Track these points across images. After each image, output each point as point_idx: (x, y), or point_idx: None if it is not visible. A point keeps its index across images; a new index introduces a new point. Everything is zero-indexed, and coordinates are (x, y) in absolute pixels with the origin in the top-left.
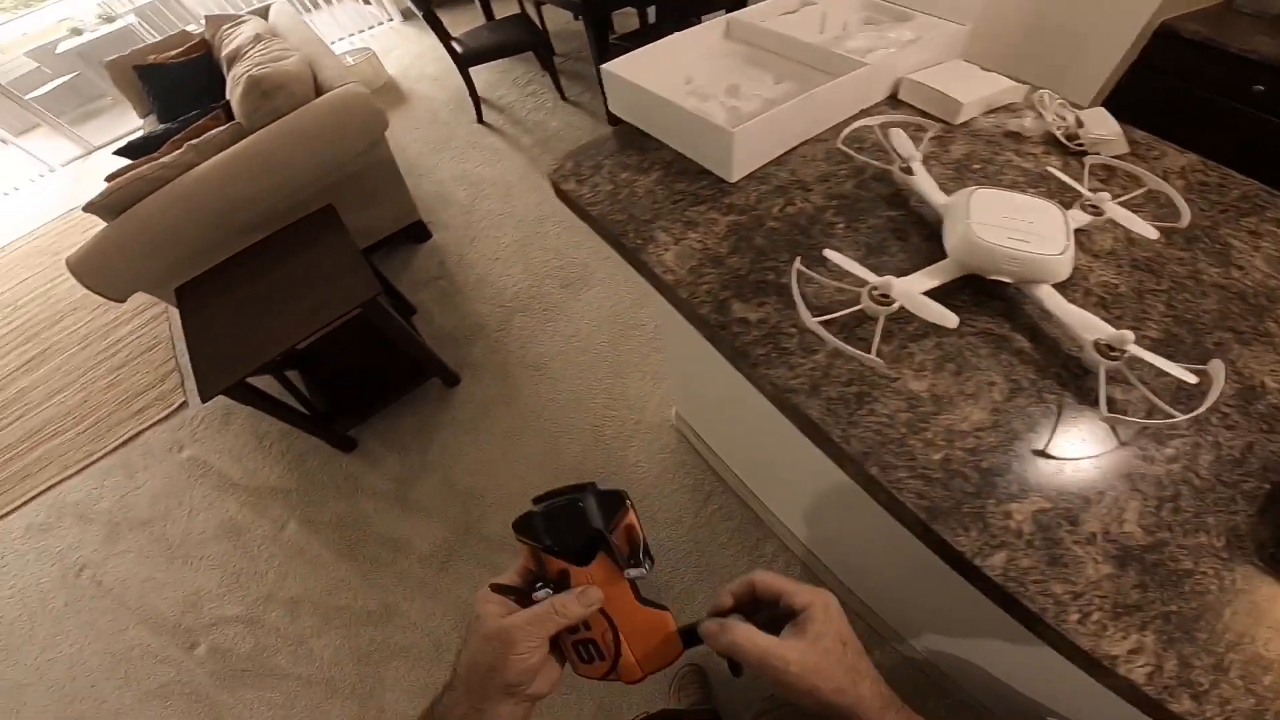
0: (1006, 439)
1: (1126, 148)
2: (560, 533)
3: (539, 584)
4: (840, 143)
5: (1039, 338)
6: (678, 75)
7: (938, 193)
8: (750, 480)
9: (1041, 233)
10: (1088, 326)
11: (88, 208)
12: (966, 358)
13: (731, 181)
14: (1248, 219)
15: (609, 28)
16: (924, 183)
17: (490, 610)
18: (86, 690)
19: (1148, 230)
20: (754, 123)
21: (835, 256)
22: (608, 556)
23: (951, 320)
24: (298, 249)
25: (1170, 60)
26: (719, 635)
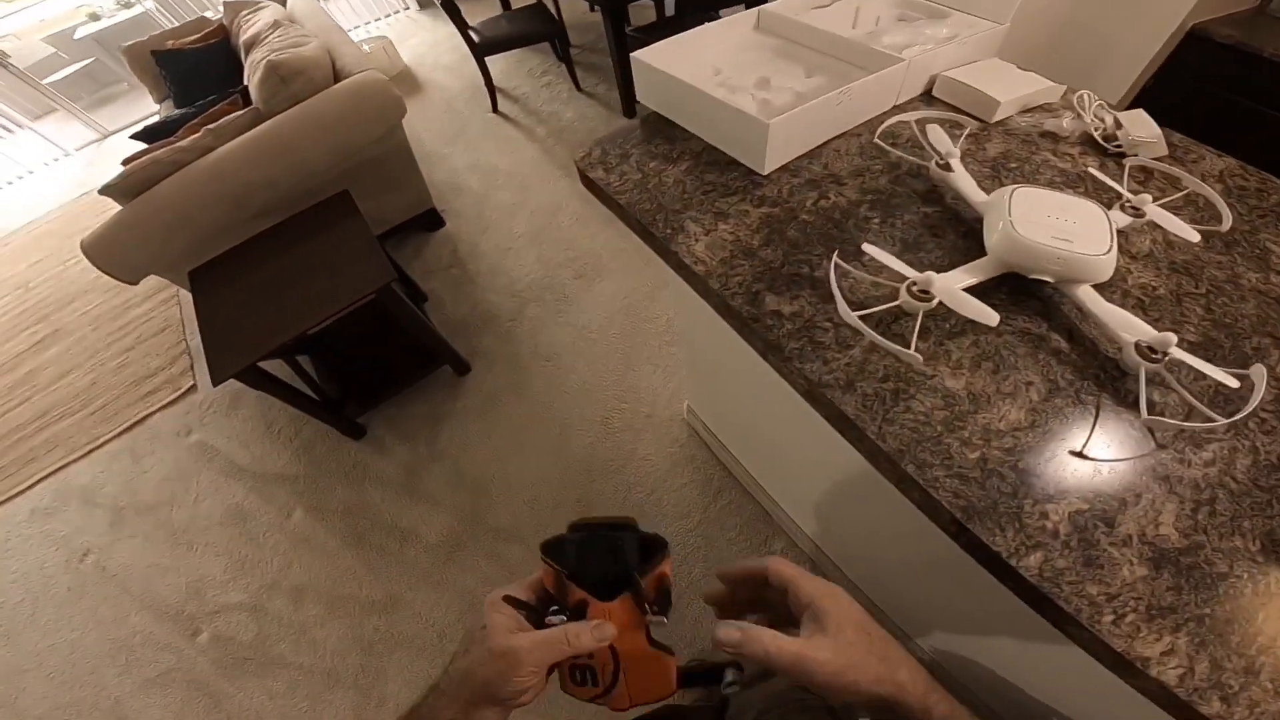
0: (1044, 439)
1: (1165, 150)
2: (591, 565)
3: (554, 607)
4: (877, 137)
5: (1076, 338)
6: (706, 66)
7: (976, 190)
8: (761, 476)
9: (1084, 232)
10: (1129, 328)
11: (104, 190)
12: (1004, 356)
13: (763, 174)
14: None
15: (626, 19)
16: (963, 179)
17: (499, 623)
18: (86, 676)
19: (1189, 233)
20: (790, 115)
21: (874, 251)
22: (632, 598)
23: (993, 318)
24: (313, 234)
25: (1200, 64)
26: (744, 644)
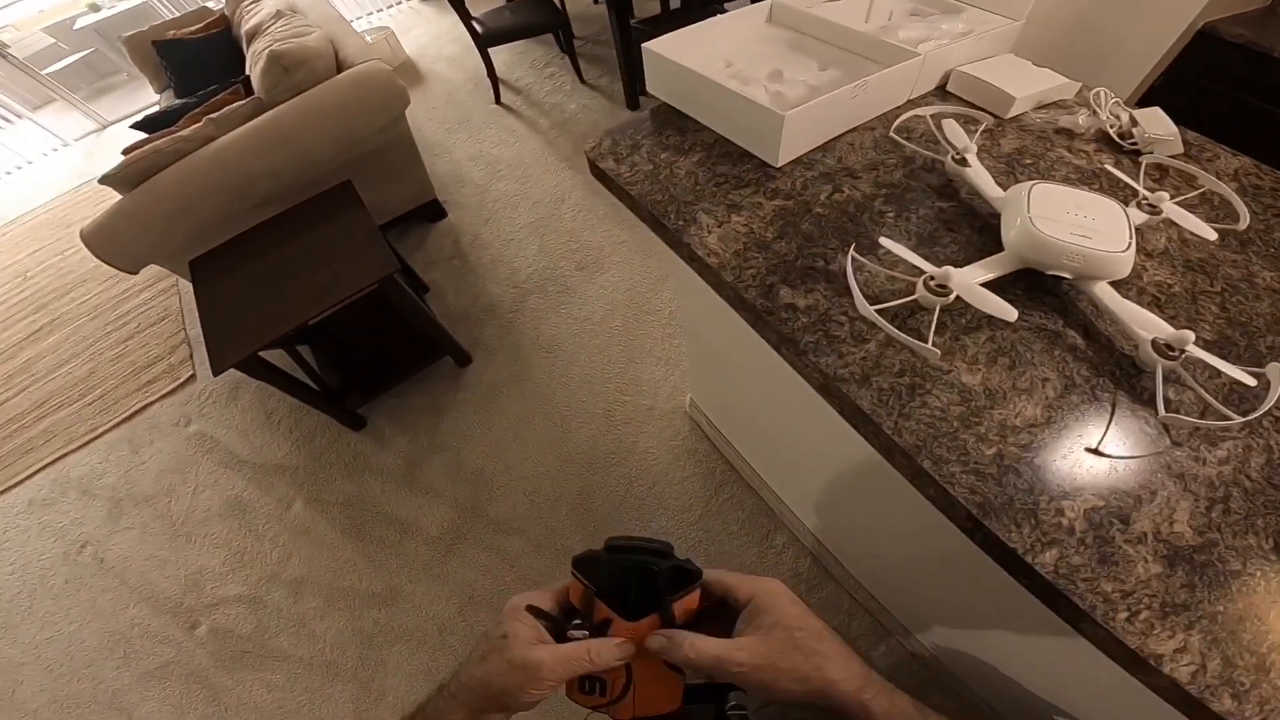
0: (1060, 436)
1: (1181, 148)
2: (622, 585)
3: (576, 621)
4: (893, 131)
5: (1092, 335)
6: (717, 58)
7: (993, 186)
8: (763, 470)
9: (1103, 229)
10: (1147, 325)
11: (104, 179)
12: (1020, 352)
13: (777, 166)
14: None
15: (630, 12)
16: (979, 175)
17: (521, 633)
18: (84, 669)
19: (1206, 231)
20: (805, 107)
21: (891, 245)
22: (658, 621)
23: (1011, 313)
24: (315, 224)
25: (1209, 63)
26: (668, 650)
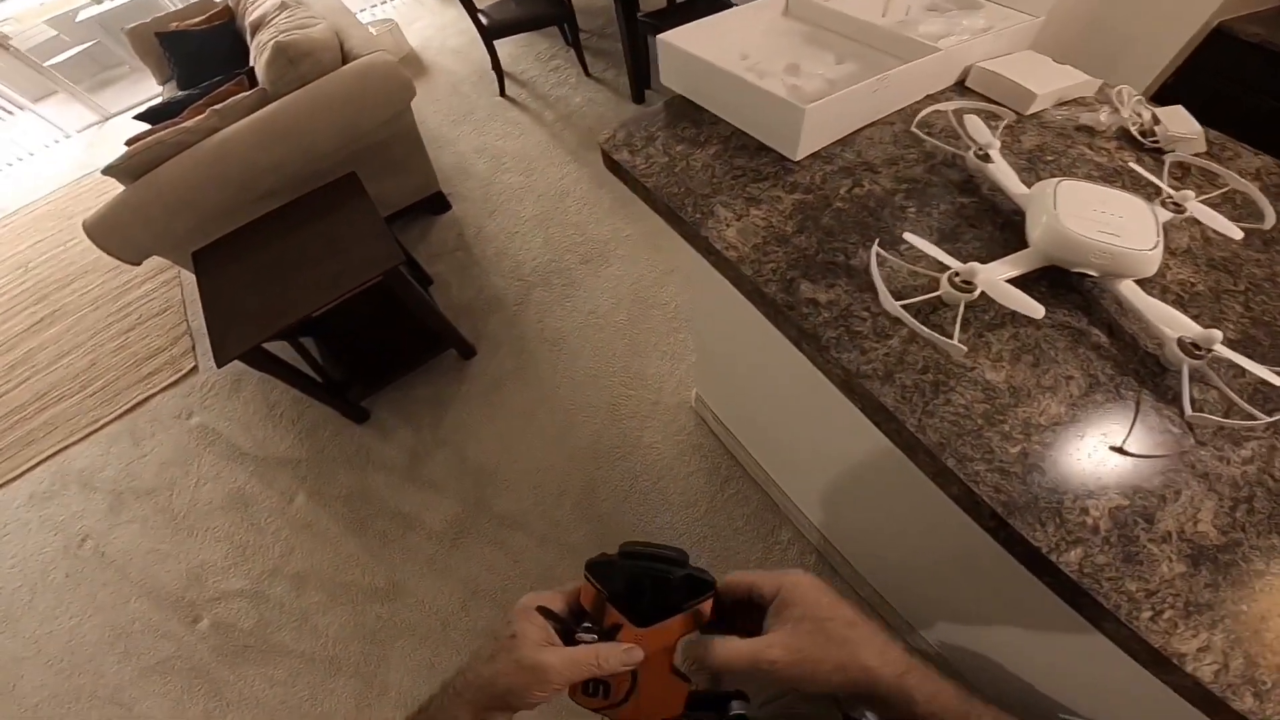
0: (1084, 434)
1: (1204, 147)
2: (634, 591)
3: (585, 624)
4: (914, 126)
5: (1116, 333)
6: (733, 51)
7: (1016, 182)
8: (769, 466)
9: (1130, 227)
10: (1173, 323)
11: (107, 170)
12: (1044, 350)
13: (795, 160)
14: None
15: (636, 5)
16: (1002, 171)
17: (529, 634)
18: (85, 664)
19: (1232, 230)
20: (826, 101)
21: (916, 240)
22: (669, 628)
23: (1038, 310)
24: (320, 215)
25: (1223, 62)
26: (701, 658)
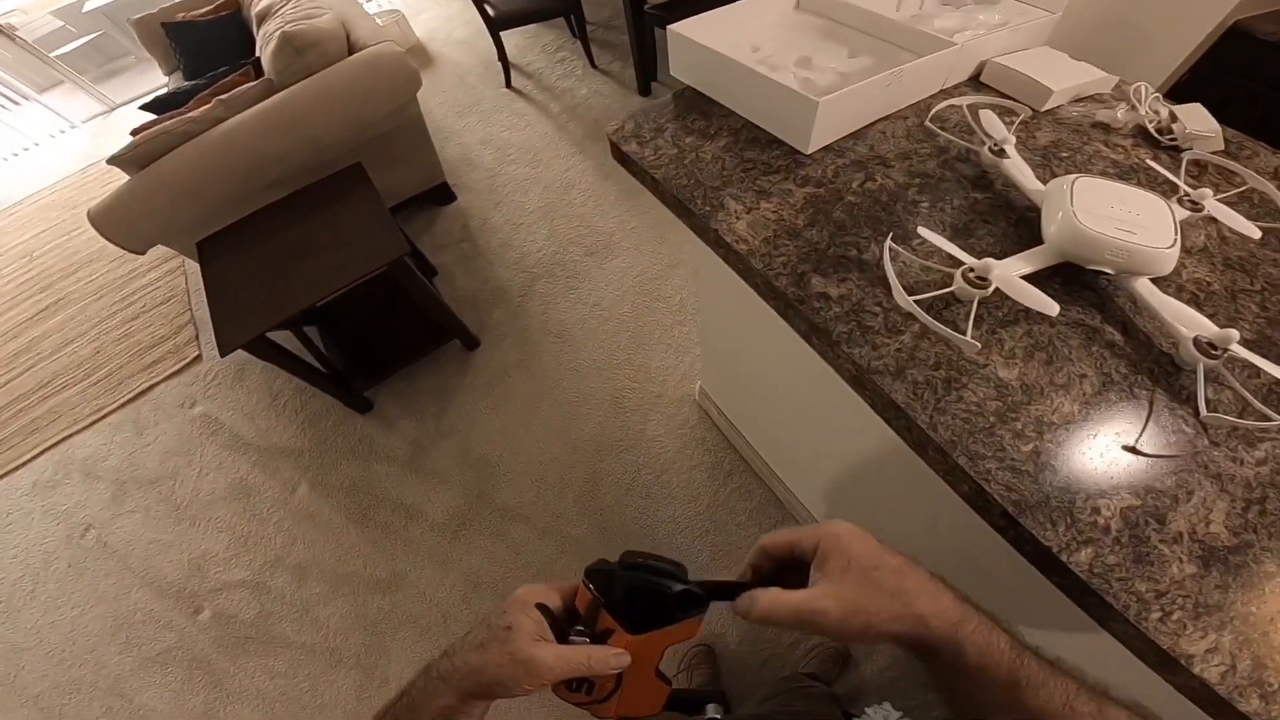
0: (1097, 433)
1: (1222, 145)
2: (633, 603)
3: (578, 626)
4: (928, 121)
5: (1130, 331)
6: (744, 43)
7: (1032, 178)
8: (773, 460)
9: (1148, 224)
10: (1189, 322)
11: (112, 160)
12: (1057, 347)
13: (807, 153)
14: None
15: None
16: (1017, 167)
17: (525, 626)
18: (86, 655)
19: (1250, 229)
20: (839, 94)
21: (930, 235)
22: (655, 638)
23: (1053, 308)
24: (325, 206)
25: (1239, 60)
26: (749, 611)
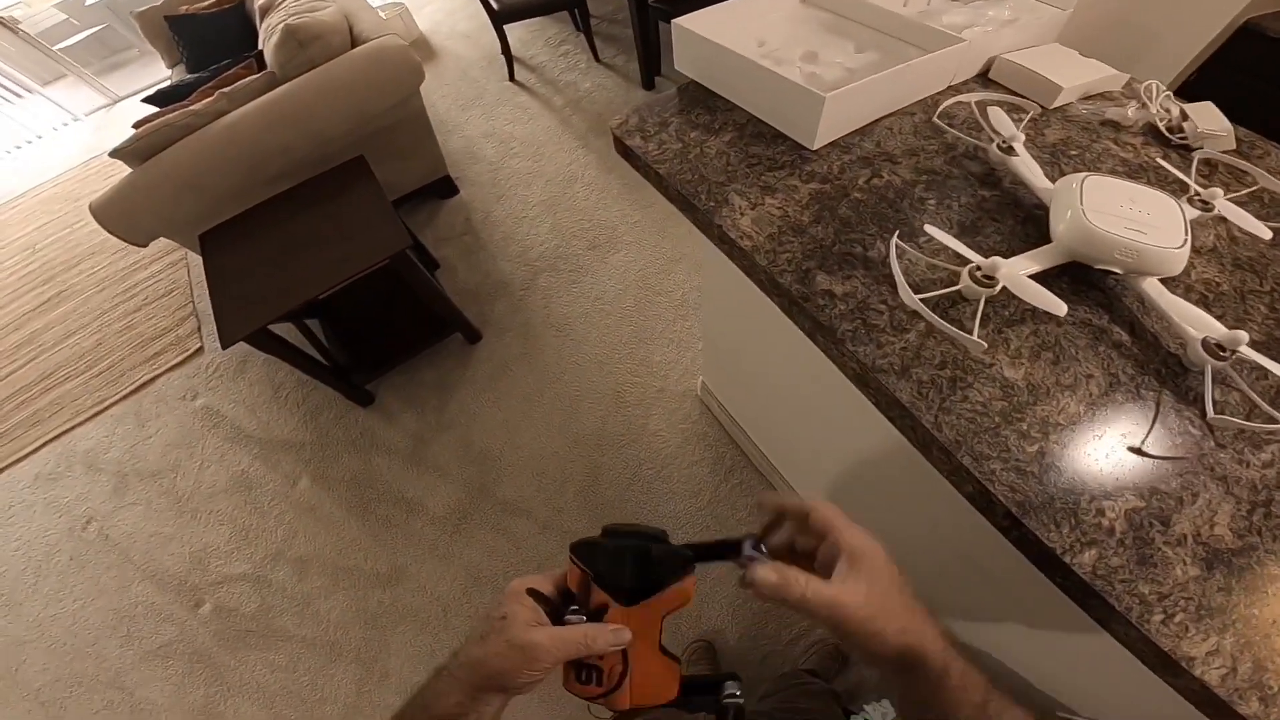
0: (1103, 434)
1: (1234, 144)
2: (618, 571)
3: (573, 606)
4: (936, 117)
5: (1138, 332)
6: (749, 37)
7: (1040, 176)
8: (774, 457)
9: (1158, 224)
10: (1197, 324)
11: (114, 153)
12: (1064, 347)
13: (813, 149)
14: None
15: None
16: (1026, 164)
17: (520, 615)
18: (87, 648)
19: (1260, 229)
20: (846, 90)
21: (937, 232)
22: (650, 607)
23: (1061, 308)
24: (327, 199)
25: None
26: (782, 587)
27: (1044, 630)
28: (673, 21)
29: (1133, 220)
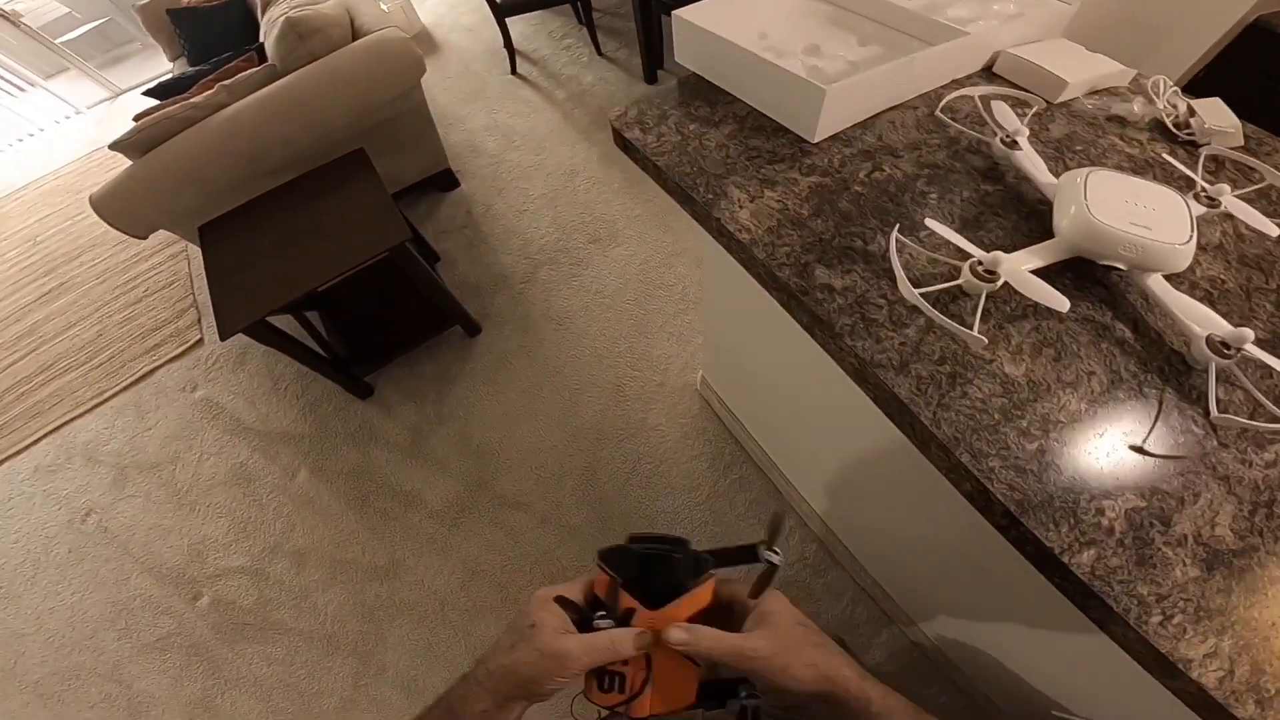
0: (1104, 432)
1: (1242, 140)
2: (646, 576)
3: (600, 612)
4: (939, 111)
5: (1141, 329)
6: (751, 29)
7: (1044, 171)
8: (774, 452)
9: (1163, 220)
10: (1202, 321)
11: (114, 145)
12: (1066, 344)
13: (813, 142)
14: None
15: None
16: (1030, 159)
17: (548, 622)
18: (86, 641)
19: (1268, 226)
20: (848, 82)
21: (938, 227)
22: (677, 609)
23: (1063, 303)
24: (327, 191)
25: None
26: (690, 642)
27: (1043, 630)
28: (673, 13)
29: (1137, 216)
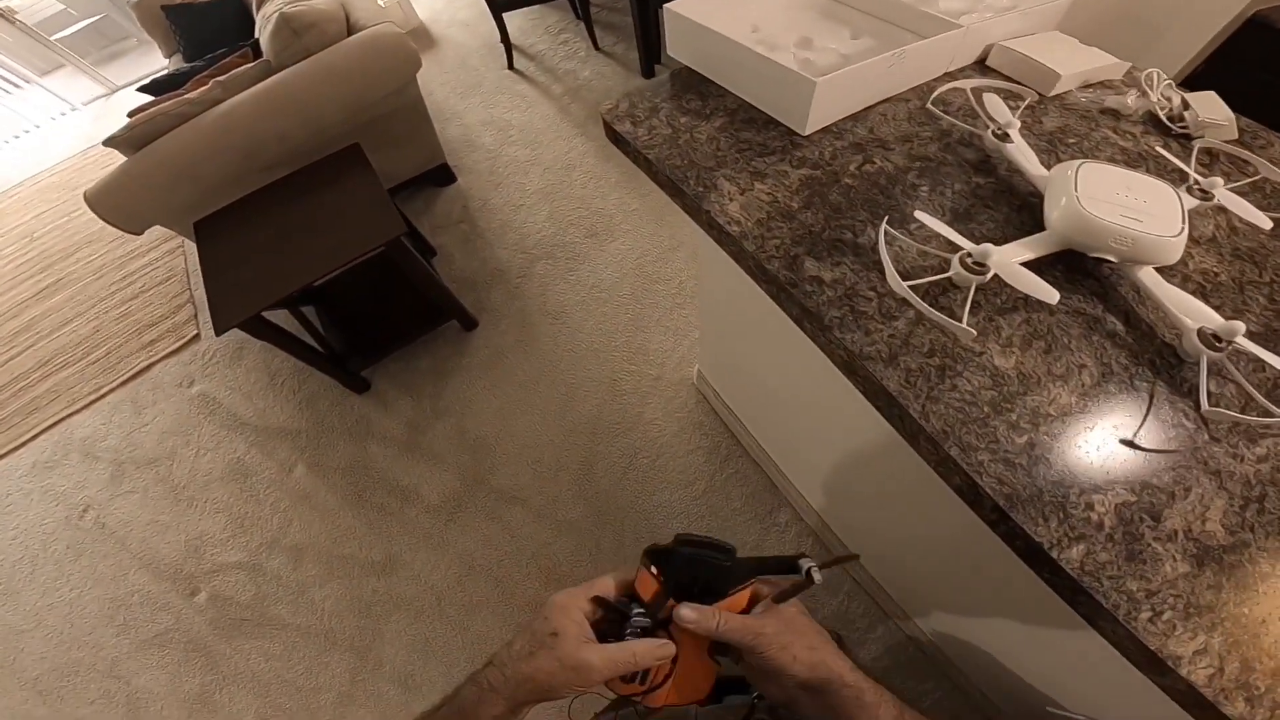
0: (1094, 426)
1: (1235, 134)
2: (692, 578)
3: (638, 610)
4: (930, 103)
5: (1133, 322)
6: (743, 22)
7: (1036, 163)
8: (770, 446)
9: (1154, 212)
10: (1194, 314)
11: (108, 142)
12: (1056, 336)
13: (804, 134)
14: None
15: None
16: (1022, 151)
17: (570, 631)
18: (84, 637)
19: (1261, 219)
20: (838, 75)
21: (927, 219)
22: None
23: (1053, 295)
24: (322, 186)
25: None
26: (699, 620)
27: (1038, 627)
28: (665, 6)
29: (1129, 208)
